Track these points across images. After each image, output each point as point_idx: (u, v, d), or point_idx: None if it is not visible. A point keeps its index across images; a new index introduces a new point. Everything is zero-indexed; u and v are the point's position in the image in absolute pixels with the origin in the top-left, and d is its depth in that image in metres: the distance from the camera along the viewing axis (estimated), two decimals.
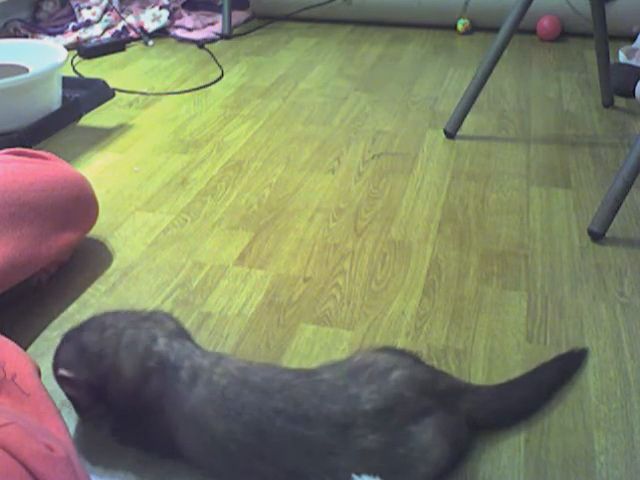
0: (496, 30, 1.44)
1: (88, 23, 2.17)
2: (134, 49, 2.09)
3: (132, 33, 2.16)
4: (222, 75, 1.86)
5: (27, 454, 0.55)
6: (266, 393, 0.66)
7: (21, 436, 0.56)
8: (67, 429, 0.69)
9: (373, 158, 1.39)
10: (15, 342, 0.75)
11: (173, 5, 2.28)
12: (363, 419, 0.65)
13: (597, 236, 1.10)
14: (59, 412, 0.71)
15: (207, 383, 0.68)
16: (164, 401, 0.68)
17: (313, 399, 0.66)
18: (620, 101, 1.65)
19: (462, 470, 0.71)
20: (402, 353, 0.76)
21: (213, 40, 2.16)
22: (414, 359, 0.74)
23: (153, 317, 0.74)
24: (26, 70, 1.57)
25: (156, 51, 2.08)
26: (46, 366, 0.76)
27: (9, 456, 0.54)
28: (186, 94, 1.73)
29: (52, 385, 0.75)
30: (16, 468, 0.53)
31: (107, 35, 2.15)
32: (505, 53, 1.42)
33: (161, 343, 0.70)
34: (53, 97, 1.53)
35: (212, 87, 1.78)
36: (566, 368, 0.84)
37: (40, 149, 1.40)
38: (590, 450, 0.74)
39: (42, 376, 0.74)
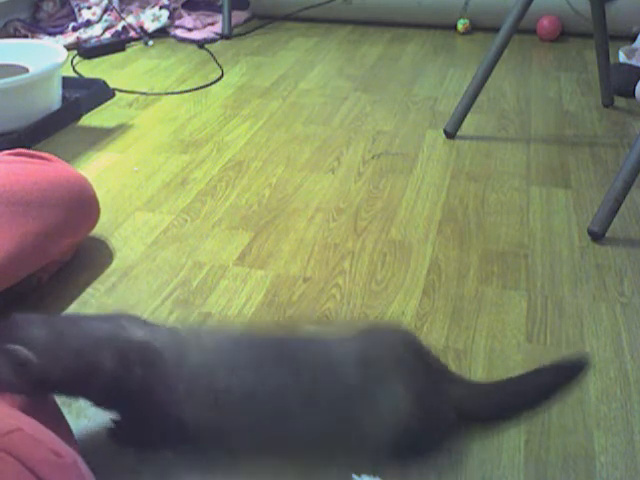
0: (496, 30, 1.44)
1: (88, 23, 2.17)
2: (134, 49, 2.09)
3: (132, 33, 2.16)
4: (222, 75, 1.86)
5: (35, 461, 0.54)
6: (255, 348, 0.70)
7: (28, 443, 0.56)
8: (72, 432, 0.69)
9: (373, 158, 1.39)
10: None
11: (173, 5, 2.28)
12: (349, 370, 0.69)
13: (597, 236, 1.10)
14: (63, 416, 0.71)
15: (196, 350, 0.69)
16: (157, 384, 0.68)
17: (304, 354, 0.70)
18: (620, 101, 1.65)
19: (462, 470, 0.71)
20: (403, 340, 0.76)
21: (213, 40, 2.16)
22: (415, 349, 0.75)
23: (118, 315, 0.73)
24: (26, 70, 1.57)
25: (156, 51, 2.08)
26: None
27: (18, 463, 0.53)
28: (186, 94, 1.73)
29: None
30: (26, 475, 0.53)
31: (107, 35, 2.15)
32: (505, 53, 1.42)
33: (137, 333, 0.69)
34: (53, 97, 1.53)
35: (212, 87, 1.78)
36: (565, 374, 0.82)
37: (40, 149, 1.40)
38: (590, 450, 0.74)
39: None
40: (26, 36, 2.11)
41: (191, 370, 0.68)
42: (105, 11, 2.23)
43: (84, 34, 2.11)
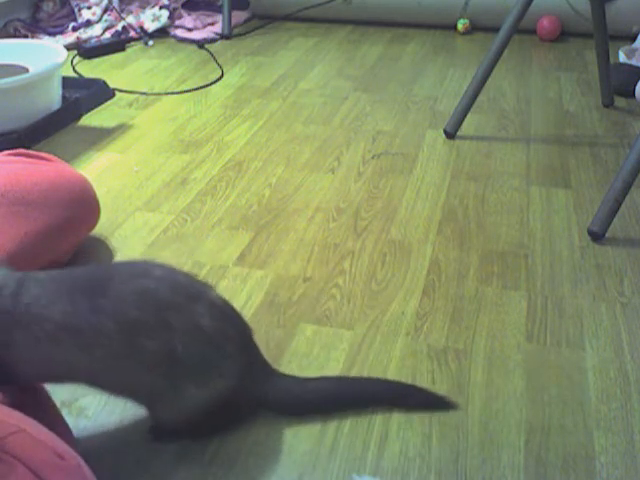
0: (496, 30, 1.44)
1: (88, 23, 2.17)
2: (134, 49, 2.09)
3: (132, 33, 2.16)
4: (222, 75, 1.86)
5: (38, 463, 0.54)
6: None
7: (31, 444, 0.55)
8: (72, 433, 0.69)
9: (373, 158, 1.39)
10: None
11: (173, 5, 2.28)
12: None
13: (597, 236, 1.10)
14: (62, 417, 0.71)
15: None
16: None
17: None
18: (620, 101, 1.65)
19: (462, 470, 0.71)
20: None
21: (213, 40, 2.16)
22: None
23: None
24: (26, 70, 1.57)
25: (156, 51, 2.08)
26: None
27: (21, 465, 0.53)
28: (186, 94, 1.73)
29: (52, 386, 0.75)
30: (29, 477, 0.53)
31: (107, 35, 2.15)
32: (505, 53, 1.42)
33: None
34: (53, 97, 1.53)
35: (212, 87, 1.78)
36: (401, 395, 0.81)
37: (40, 149, 1.40)
38: (590, 450, 0.74)
39: None
40: (26, 36, 2.11)
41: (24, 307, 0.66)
42: (105, 11, 2.23)
43: (84, 34, 2.12)
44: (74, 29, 2.14)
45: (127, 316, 0.66)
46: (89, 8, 2.22)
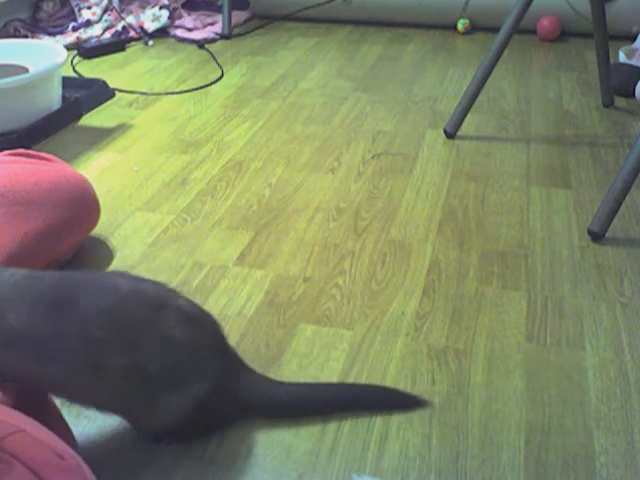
0: (496, 30, 1.44)
1: (88, 23, 2.17)
2: (134, 49, 2.09)
3: (132, 33, 2.16)
4: (222, 75, 1.86)
5: (38, 463, 0.54)
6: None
7: (31, 444, 0.55)
8: (72, 433, 0.69)
9: (373, 158, 1.39)
10: None
11: (173, 5, 2.28)
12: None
13: (597, 236, 1.10)
14: (63, 417, 0.71)
15: None
16: None
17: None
18: (620, 101, 1.65)
19: (462, 470, 0.71)
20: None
21: (213, 40, 2.16)
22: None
23: None
24: (26, 70, 1.57)
25: (156, 51, 2.08)
26: None
27: (22, 465, 0.53)
28: (186, 94, 1.73)
29: None
30: (29, 477, 0.53)
31: (107, 35, 2.15)
32: (505, 53, 1.43)
33: None
34: (53, 97, 1.53)
35: (212, 87, 1.78)
36: (384, 399, 0.81)
37: (40, 149, 1.40)
38: (590, 450, 0.74)
39: None
40: (26, 36, 2.11)
41: None
42: (105, 11, 2.23)
43: (84, 34, 2.11)
44: (74, 29, 2.14)
45: (92, 335, 0.64)
46: (89, 8, 2.22)
